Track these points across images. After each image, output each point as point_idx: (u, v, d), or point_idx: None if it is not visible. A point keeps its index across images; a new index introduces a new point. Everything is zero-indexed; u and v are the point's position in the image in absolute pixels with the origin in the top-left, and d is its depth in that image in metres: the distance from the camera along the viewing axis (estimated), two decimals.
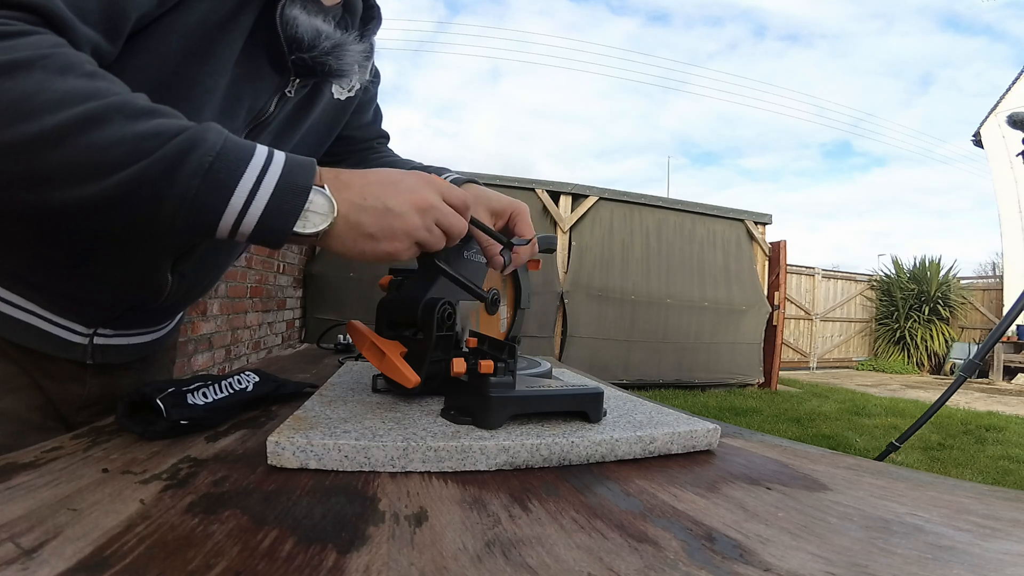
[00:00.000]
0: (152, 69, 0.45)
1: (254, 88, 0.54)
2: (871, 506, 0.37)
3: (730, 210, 5.41)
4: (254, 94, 0.55)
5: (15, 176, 0.35)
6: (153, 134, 0.35)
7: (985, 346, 2.12)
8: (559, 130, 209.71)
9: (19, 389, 0.50)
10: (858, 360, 8.63)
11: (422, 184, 0.43)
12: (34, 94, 0.32)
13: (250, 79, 0.53)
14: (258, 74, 0.53)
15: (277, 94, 0.57)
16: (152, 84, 0.45)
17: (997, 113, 8.74)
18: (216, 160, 0.36)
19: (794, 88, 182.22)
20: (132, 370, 0.61)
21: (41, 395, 0.52)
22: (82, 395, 0.56)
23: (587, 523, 0.31)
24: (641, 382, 4.77)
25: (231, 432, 0.47)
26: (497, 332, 0.69)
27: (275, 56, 0.53)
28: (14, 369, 0.50)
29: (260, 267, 2.81)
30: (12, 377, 0.50)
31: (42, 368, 0.52)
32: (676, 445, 0.47)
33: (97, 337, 0.54)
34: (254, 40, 0.50)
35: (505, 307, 0.70)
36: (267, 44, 0.51)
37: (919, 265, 8.53)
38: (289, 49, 0.52)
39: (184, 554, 0.25)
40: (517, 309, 0.72)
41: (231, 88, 0.51)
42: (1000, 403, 5.16)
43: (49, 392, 0.53)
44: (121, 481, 0.34)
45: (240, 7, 0.48)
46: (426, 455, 0.39)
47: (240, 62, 0.51)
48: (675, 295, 5.05)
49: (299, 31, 0.52)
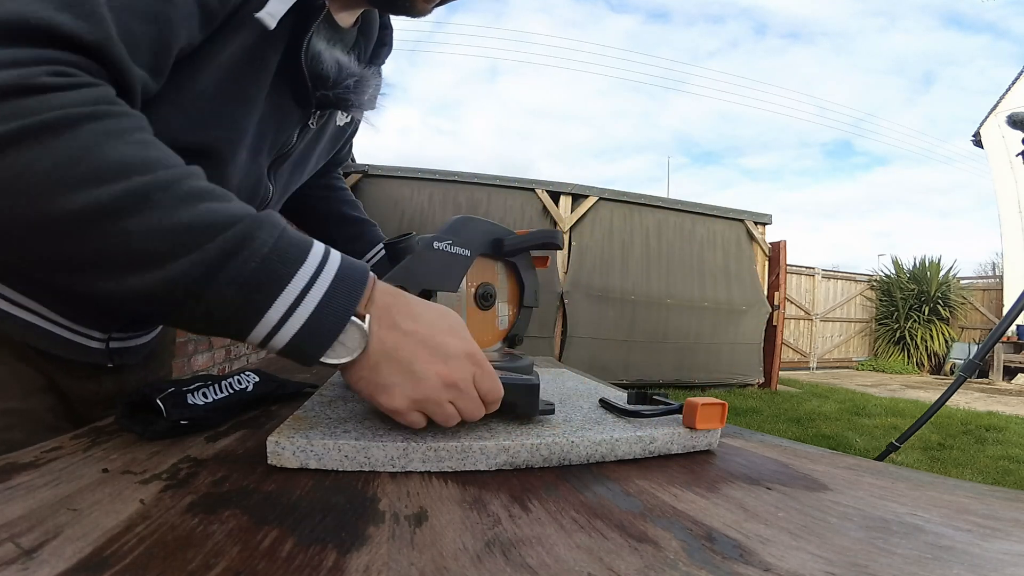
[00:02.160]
0: (188, 106, 0.45)
1: (280, 123, 0.55)
2: (871, 506, 0.37)
3: (730, 210, 5.41)
4: (279, 128, 0.56)
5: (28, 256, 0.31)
6: (202, 225, 0.31)
7: (985, 346, 2.12)
8: (558, 129, 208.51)
9: (36, 391, 0.52)
10: (858, 360, 8.63)
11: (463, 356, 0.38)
12: (76, 162, 0.29)
13: (277, 114, 0.54)
14: (284, 109, 0.55)
15: (299, 126, 0.58)
16: (189, 122, 0.45)
17: (997, 113, 8.75)
18: (261, 265, 0.31)
19: (795, 86, 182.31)
20: (139, 365, 0.63)
21: (54, 396, 0.53)
22: (99, 392, 0.57)
23: (587, 523, 0.31)
24: (641, 382, 4.77)
25: (231, 432, 0.47)
26: (493, 330, 0.68)
27: (300, 91, 0.54)
28: (31, 372, 0.51)
29: None
30: (30, 379, 0.51)
31: (61, 369, 0.53)
32: (676, 445, 0.47)
33: (112, 341, 0.56)
34: (281, 76, 0.51)
35: (506, 304, 0.69)
36: (292, 80, 0.52)
37: (919, 265, 8.54)
38: (314, 86, 0.53)
39: (184, 554, 0.25)
40: (522, 307, 0.70)
41: (260, 125, 0.52)
42: (1000, 403, 5.16)
43: (67, 391, 0.54)
44: (121, 481, 0.34)
45: (266, 43, 0.47)
46: (426, 455, 0.39)
47: (269, 98, 0.51)
48: (675, 295, 5.05)
49: (324, 68, 0.53)
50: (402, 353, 0.37)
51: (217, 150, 0.48)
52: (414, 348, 0.37)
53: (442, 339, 0.38)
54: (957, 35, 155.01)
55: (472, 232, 0.61)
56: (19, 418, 0.50)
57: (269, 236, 0.33)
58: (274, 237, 0.33)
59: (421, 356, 0.37)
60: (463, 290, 0.65)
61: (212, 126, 0.47)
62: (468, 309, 0.66)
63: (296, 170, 0.64)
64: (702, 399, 0.47)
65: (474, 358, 0.39)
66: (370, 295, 0.36)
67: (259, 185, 0.58)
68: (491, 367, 0.40)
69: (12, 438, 0.47)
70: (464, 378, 0.38)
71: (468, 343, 0.39)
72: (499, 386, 0.40)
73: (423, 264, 0.57)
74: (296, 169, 0.64)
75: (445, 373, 0.37)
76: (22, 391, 0.51)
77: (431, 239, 0.58)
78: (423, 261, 0.57)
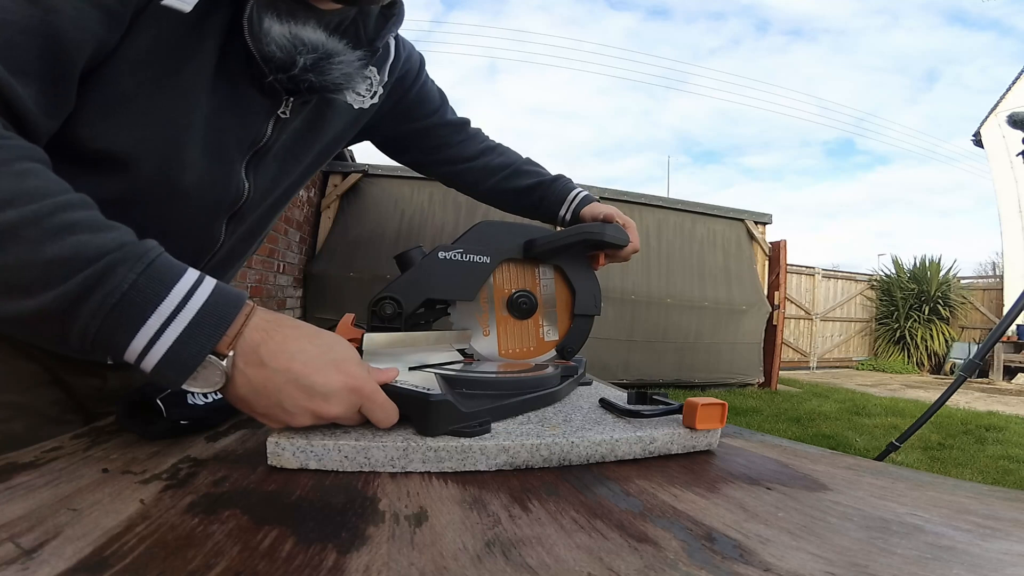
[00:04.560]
0: (115, 109, 0.43)
1: (240, 117, 0.51)
2: (871, 506, 0.37)
3: (730, 210, 5.40)
4: (242, 123, 0.51)
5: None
6: (65, 261, 0.32)
7: (985, 346, 2.12)
8: (558, 128, 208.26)
9: (40, 386, 0.53)
10: (858, 360, 8.63)
11: (344, 391, 0.38)
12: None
13: (233, 108, 0.50)
14: (241, 101, 0.50)
15: (270, 118, 0.53)
16: (116, 126, 0.44)
17: (997, 113, 8.74)
18: (120, 302, 0.32)
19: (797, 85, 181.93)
20: None
21: (60, 391, 0.55)
22: (103, 388, 0.59)
23: (587, 523, 0.31)
24: (641, 382, 4.77)
25: (231, 432, 0.47)
26: (535, 340, 0.64)
27: (258, 78, 0.49)
28: (36, 368, 0.53)
29: (260, 267, 2.81)
30: (34, 375, 0.53)
31: (64, 366, 0.55)
32: (676, 445, 0.47)
33: None
34: (226, 64, 0.47)
35: (553, 312, 0.64)
36: (246, 66, 0.48)
37: (919, 265, 8.54)
38: (269, 69, 0.48)
39: (184, 554, 0.25)
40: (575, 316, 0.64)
41: (212, 121, 0.49)
42: (1000, 403, 5.15)
43: (72, 386, 0.56)
44: (121, 481, 0.34)
45: (191, 30, 0.43)
46: (426, 455, 0.39)
47: (216, 91, 0.47)
48: (675, 295, 5.05)
49: (271, 47, 0.47)
50: (269, 389, 0.36)
51: (154, 151, 0.46)
52: (282, 385, 0.36)
53: (318, 377, 0.37)
54: (961, 32, 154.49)
55: (493, 237, 0.59)
56: (18, 411, 0.51)
57: (131, 271, 0.33)
58: (136, 272, 0.33)
59: (291, 394, 0.36)
60: (491, 298, 0.62)
61: (142, 126, 0.45)
62: (499, 318, 0.62)
63: (286, 165, 0.59)
64: (702, 399, 0.47)
65: (360, 392, 0.38)
66: (239, 330, 0.36)
67: (227, 184, 0.53)
68: (382, 396, 0.39)
69: (12, 430, 0.49)
70: (344, 414, 0.38)
71: (352, 377, 0.38)
72: (392, 415, 0.40)
73: (427, 275, 0.56)
74: (286, 164, 0.59)
75: (321, 410, 0.37)
76: (21, 386, 0.52)
77: (437, 249, 0.57)
78: (427, 272, 0.56)
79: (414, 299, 0.55)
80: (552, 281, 0.64)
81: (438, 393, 0.41)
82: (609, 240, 0.61)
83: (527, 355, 0.64)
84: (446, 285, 0.58)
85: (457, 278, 0.58)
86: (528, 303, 0.63)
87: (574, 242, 0.61)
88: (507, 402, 0.47)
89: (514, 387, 0.50)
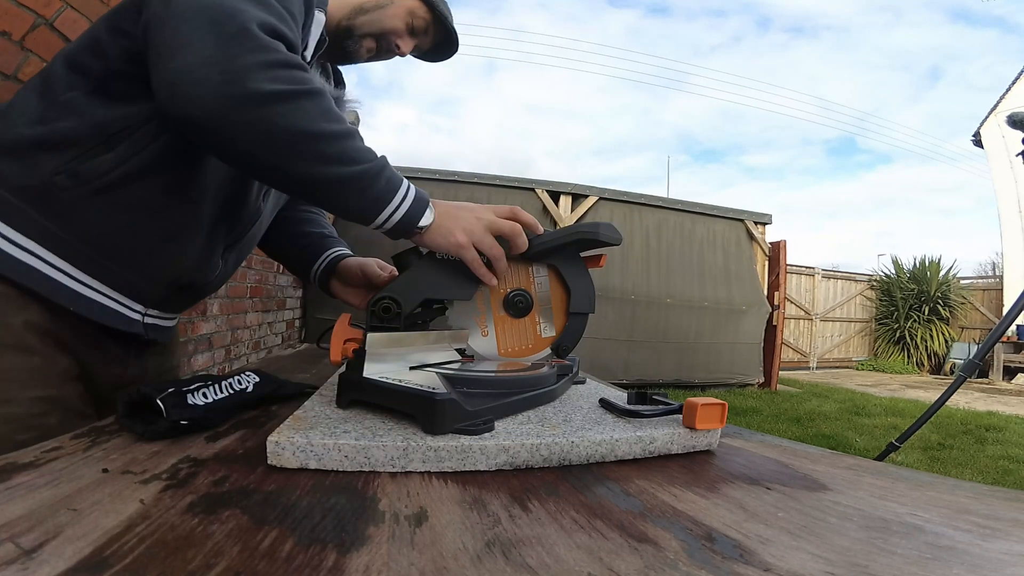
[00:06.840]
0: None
1: None
2: (871, 506, 0.37)
3: (730, 210, 5.40)
4: None
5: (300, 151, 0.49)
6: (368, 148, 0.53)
7: (985, 346, 2.12)
8: (558, 127, 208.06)
9: (69, 380, 0.58)
10: (858, 360, 8.63)
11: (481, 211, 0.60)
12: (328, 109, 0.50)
13: None
14: None
15: None
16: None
17: (997, 113, 8.75)
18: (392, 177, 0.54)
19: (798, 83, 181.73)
20: (156, 353, 0.72)
21: (84, 384, 0.60)
22: (124, 376, 0.65)
23: (587, 523, 0.31)
24: (641, 382, 4.77)
25: (231, 432, 0.47)
26: (534, 338, 0.65)
27: None
28: (66, 360, 0.58)
29: (260, 267, 2.81)
30: (68, 369, 0.58)
31: (94, 353, 0.61)
32: (676, 445, 0.47)
33: (147, 317, 0.65)
34: None
35: (549, 311, 0.65)
36: None
37: (919, 265, 8.54)
38: None
39: (184, 554, 0.25)
40: (570, 314, 0.65)
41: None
42: (1000, 403, 5.15)
43: (95, 376, 0.62)
44: (121, 481, 0.34)
45: None
46: (426, 455, 0.39)
47: None
48: (675, 295, 5.05)
49: None
50: (451, 213, 0.58)
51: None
52: (456, 212, 0.58)
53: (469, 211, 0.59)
54: (964, 30, 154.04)
55: None
56: (54, 404, 0.55)
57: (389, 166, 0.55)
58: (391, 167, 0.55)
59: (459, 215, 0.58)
60: (487, 298, 0.64)
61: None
62: (497, 317, 0.64)
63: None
64: (702, 399, 0.47)
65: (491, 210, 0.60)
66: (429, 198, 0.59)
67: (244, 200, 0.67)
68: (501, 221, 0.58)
69: (47, 423, 0.53)
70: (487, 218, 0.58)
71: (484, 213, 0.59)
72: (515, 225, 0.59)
73: (424, 275, 0.58)
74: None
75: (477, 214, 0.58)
76: (58, 379, 0.56)
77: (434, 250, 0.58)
78: (424, 273, 0.58)
79: (413, 299, 0.56)
80: (546, 279, 0.65)
81: (444, 392, 0.42)
82: (603, 239, 0.62)
83: (526, 352, 0.65)
84: (444, 285, 0.59)
85: (455, 278, 0.59)
86: (524, 302, 0.64)
87: (568, 242, 0.62)
88: (508, 400, 0.48)
89: (514, 385, 0.51)
